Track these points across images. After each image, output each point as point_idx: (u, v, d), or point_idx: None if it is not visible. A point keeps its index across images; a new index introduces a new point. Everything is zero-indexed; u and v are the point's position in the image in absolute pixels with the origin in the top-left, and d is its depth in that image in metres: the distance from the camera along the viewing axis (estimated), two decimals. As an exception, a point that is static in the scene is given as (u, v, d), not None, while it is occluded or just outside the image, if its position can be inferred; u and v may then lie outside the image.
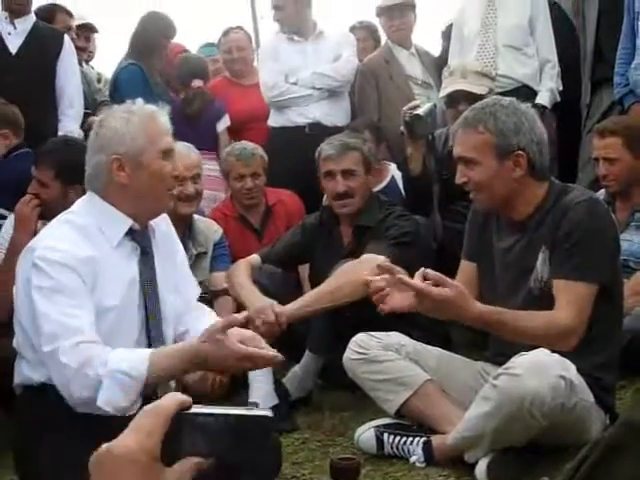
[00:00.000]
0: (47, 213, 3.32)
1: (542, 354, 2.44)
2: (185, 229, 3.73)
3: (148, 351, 2.30)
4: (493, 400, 2.44)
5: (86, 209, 2.50)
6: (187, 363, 2.27)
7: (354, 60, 5.04)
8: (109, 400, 2.21)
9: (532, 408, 2.35)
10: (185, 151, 3.70)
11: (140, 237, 2.53)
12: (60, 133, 4.35)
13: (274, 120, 4.99)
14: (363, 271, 3.17)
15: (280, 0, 4.93)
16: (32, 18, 4.47)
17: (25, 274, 2.36)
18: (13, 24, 4.32)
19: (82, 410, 2.26)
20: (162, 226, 2.66)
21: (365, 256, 3.28)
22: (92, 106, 5.10)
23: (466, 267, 2.91)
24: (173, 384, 2.64)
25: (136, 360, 2.24)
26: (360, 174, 3.58)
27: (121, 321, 2.44)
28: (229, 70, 5.49)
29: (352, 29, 5.89)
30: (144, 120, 2.49)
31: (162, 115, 2.55)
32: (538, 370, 2.38)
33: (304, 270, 3.97)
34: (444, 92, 4.27)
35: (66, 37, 4.56)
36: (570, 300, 2.54)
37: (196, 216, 3.90)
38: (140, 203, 2.49)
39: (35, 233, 3.22)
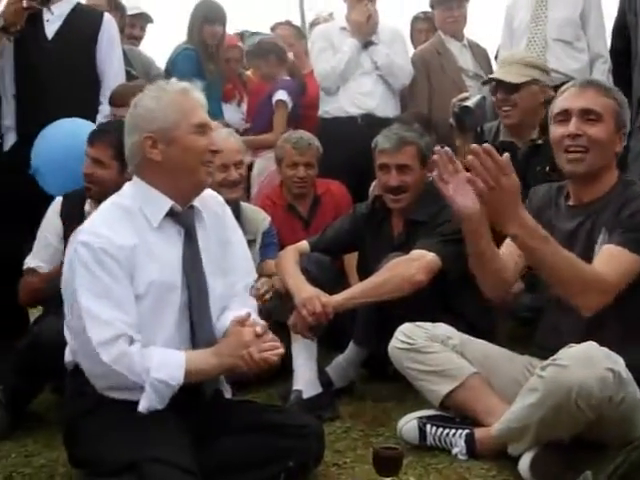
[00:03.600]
0: (101, 193, 3.33)
1: (591, 347, 2.42)
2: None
3: (184, 357, 2.42)
4: (539, 391, 2.43)
5: (130, 191, 2.54)
6: (219, 369, 2.51)
7: (407, 56, 5.14)
8: (149, 407, 2.35)
9: (579, 399, 2.34)
10: (227, 137, 3.72)
11: (183, 219, 2.55)
12: (99, 116, 4.29)
13: (326, 110, 5.03)
14: (412, 268, 3.19)
15: None
16: (72, 1, 4.39)
17: (70, 256, 2.42)
18: (50, 10, 4.28)
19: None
20: (215, 209, 2.67)
21: (415, 252, 3.27)
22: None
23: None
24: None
25: (174, 368, 2.39)
26: (415, 169, 3.53)
27: (161, 303, 2.46)
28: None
29: (415, 20, 5.89)
30: (175, 96, 2.51)
31: (195, 90, 2.56)
32: (586, 362, 2.36)
33: (349, 258, 3.99)
34: (483, 81, 4.27)
35: (106, 17, 4.45)
36: (615, 264, 2.54)
37: (244, 204, 3.93)
38: (175, 179, 2.50)
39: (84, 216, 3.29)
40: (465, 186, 2.50)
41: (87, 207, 3.53)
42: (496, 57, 5.30)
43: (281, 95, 5.11)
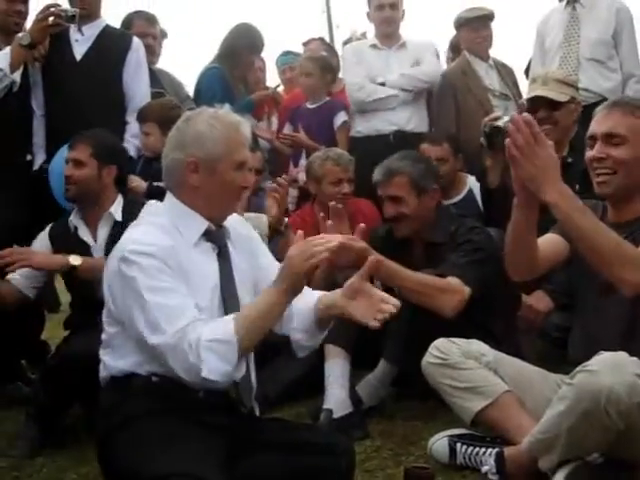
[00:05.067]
0: (80, 193, 3.51)
1: (620, 354, 2.41)
2: None
3: (232, 315, 2.38)
4: (569, 398, 2.41)
5: (164, 210, 2.55)
6: (274, 300, 2.37)
7: (437, 62, 5.16)
8: (211, 369, 2.28)
9: (608, 405, 2.31)
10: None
11: (215, 237, 2.57)
12: (127, 136, 4.37)
13: (357, 129, 5.06)
14: (452, 303, 3.21)
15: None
16: (101, 24, 4.45)
17: (114, 270, 2.41)
18: (81, 31, 4.34)
19: (203, 386, 2.34)
20: (241, 230, 2.69)
21: (455, 283, 3.26)
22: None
23: (554, 237, 2.88)
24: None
25: (221, 325, 2.33)
26: (408, 199, 3.54)
27: (209, 315, 2.46)
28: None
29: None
30: (228, 129, 2.52)
31: (245, 126, 2.59)
32: (615, 367, 2.35)
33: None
34: (525, 98, 4.26)
35: (135, 40, 4.52)
36: None
37: (247, 215, 3.90)
38: (209, 206, 2.53)
39: None
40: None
41: (72, 217, 3.58)
42: (526, 72, 5.30)
43: (344, 117, 5.14)
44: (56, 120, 4.23)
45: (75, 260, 3.35)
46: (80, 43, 4.35)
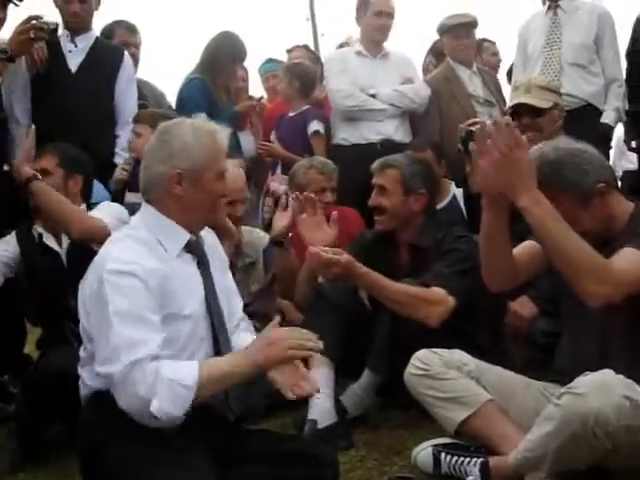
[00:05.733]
0: None
1: (607, 374, 2.39)
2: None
3: (197, 362, 2.35)
4: (556, 419, 2.39)
5: (143, 222, 2.54)
6: (242, 367, 2.37)
7: (426, 84, 5.15)
8: (161, 407, 2.24)
9: (596, 428, 2.30)
10: (237, 174, 3.75)
11: (195, 248, 2.58)
12: (117, 149, 4.41)
13: (344, 137, 5.05)
14: (434, 313, 3.19)
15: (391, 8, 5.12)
16: (93, 35, 4.48)
17: (92, 287, 2.38)
18: (74, 42, 4.35)
19: (142, 421, 2.28)
20: (209, 239, 2.70)
21: (438, 293, 3.24)
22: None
23: (532, 244, 2.84)
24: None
25: (187, 368, 2.31)
26: (394, 193, 3.56)
27: (196, 329, 2.49)
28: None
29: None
30: (209, 139, 2.53)
31: (224, 135, 2.59)
32: (602, 390, 2.32)
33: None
34: (508, 106, 4.26)
35: (126, 54, 4.58)
36: (631, 262, 2.48)
37: (244, 227, 3.93)
38: (191, 215, 2.54)
39: None
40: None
41: (35, 225, 3.60)
42: (508, 75, 5.31)
43: (316, 126, 5.13)
44: (48, 130, 4.19)
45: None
46: (74, 54, 4.35)
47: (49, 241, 3.56)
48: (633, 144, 4.75)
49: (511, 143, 2.44)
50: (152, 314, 2.34)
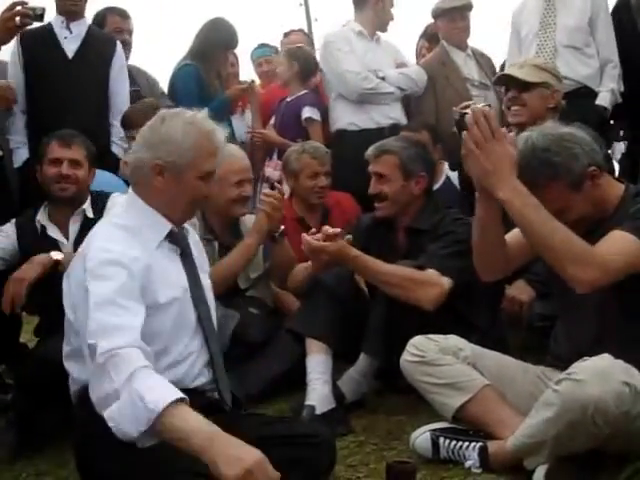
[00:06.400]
0: (79, 194, 3.51)
1: (606, 360, 2.38)
2: (233, 231, 3.83)
3: (175, 396, 2.08)
4: (555, 406, 2.38)
5: (127, 211, 2.54)
6: (198, 443, 2.02)
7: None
8: (116, 418, 2.09)
9: (595, 415, 2.29)
10: (241, 155, 3.79)
11: (178, 239, 2.57)
12: (114, 139, 4.44)
13: (352, 122, 5.02)
14: (429, 296, 3.19)
15: None
16: (86, 22, 4.47)
17: (79, 278, 2.36)
18: (69, 28, 4.33)
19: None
20: (193, 235, 2.71)
21: (432, 275, 3.25)
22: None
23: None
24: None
25: (162, 391, 2.10)
26: (394, 179, 3.56)
27: (181, 315, 2.48)
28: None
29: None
30: (200, 136, 2.51)
31: (219, 134, 2.56)
32: (602, 376, 2.32)
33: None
34: (495, 77, 4.32)
35: (118, 43, 4.58)
36: (616, 246, 2.46)
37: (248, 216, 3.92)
38: (172, 209, 2.53)
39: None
40: None
41: (39, 217, 3.55)
42: (502, 68, 5.30)
43: (309, 112, 5.11)
44: (43, 117, 4.17)
45: (56, 255, 3.30)
46: (69, 41, 4.34)
47: (54, 233, 3.51)
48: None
49: (487, 134, 2.42)
50: (135, 302, 2.31)
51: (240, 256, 3.65)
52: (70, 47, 4.33)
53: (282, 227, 3.71)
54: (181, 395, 2.09)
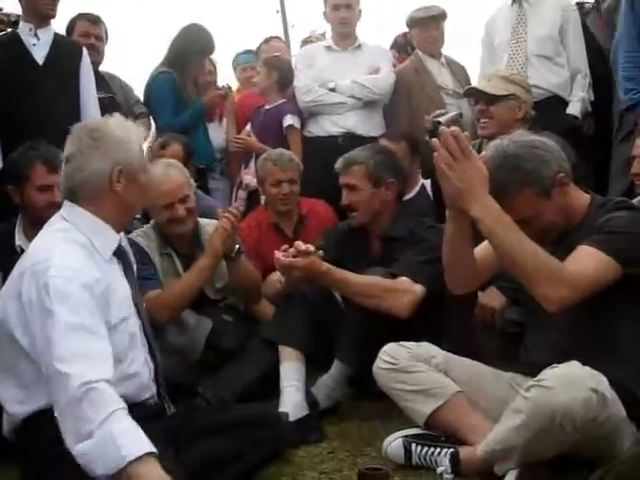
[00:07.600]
0: None
1: (574, 367, 2.41)
2: (193, 242, 3.77)
3: (148, 449, 2.06)
4: (524, 413, 2.41)
5: (75, 222, 2.46)
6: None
7: (393, 75, 5.15)
8: (87, 457, 2.05)
9: (563, 422, 2.33)
10: (168, 173, 3.64)
11: (122, 250, 2.58)
12: None
13: (308, 130, 5.11)
14: (402, 304, 3.23)
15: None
16: (52, 29, 4.39)
17: (30, 295, 2.26)
18: (37, 35, 4.28)
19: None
20: (123, 237, 2.68)
21: (404, 282, 3.28)
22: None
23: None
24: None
25: (136, 443, 2.06)
26: (363, 189, 3.60)
27: (132, 331, 2.49)
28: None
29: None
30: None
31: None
32: (570, 384, 2.35)
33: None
34: (465, 90, 4.35)
35: (84, 50, 4.51)
36: (585, 262, 2.48)
37: (202, 221, 3.85)
38: (122, 215, 2.54)
39: None
40: None
41: (17, 239, 3.47)
42: None
43: (290, 120, 5.12)
44: (15, 126, 4.12)
45: None
46: (38, 47, 4.28)
47: None
48: None
49: (457, 155, 2.44)
50: (102, 325, 2.27)
51: (196, 279, 3.51)
52: (39, 54, 4.27)
53: (237, 246, 3.63)
54: (153, 449, 2.06)
